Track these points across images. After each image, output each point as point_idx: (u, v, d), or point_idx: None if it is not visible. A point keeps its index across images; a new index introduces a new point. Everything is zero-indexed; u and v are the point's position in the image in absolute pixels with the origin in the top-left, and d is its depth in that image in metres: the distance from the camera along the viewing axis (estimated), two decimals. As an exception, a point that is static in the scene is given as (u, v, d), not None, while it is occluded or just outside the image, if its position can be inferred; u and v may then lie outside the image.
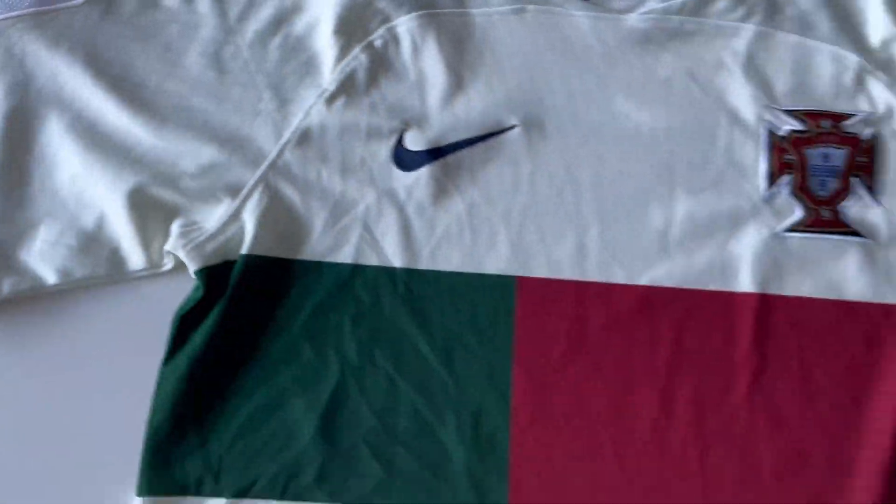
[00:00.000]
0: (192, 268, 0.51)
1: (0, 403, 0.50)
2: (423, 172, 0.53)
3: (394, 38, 0.55)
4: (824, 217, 0.54)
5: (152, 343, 0.50)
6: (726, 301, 0.52)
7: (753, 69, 0.55)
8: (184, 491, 0.49)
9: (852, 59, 0.56)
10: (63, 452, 0.50)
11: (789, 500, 0.50)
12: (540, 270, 0.53)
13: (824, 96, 0.55)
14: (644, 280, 0.53)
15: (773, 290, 0.53)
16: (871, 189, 0.54)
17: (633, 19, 0.56)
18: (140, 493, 0.48)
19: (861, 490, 0.50)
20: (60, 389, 0.51)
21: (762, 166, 0.54)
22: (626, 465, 0.50)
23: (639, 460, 0.50)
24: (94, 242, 0.52)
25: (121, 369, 0.50)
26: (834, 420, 0.51)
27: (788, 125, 0.55)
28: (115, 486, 0.48)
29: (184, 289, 0.51)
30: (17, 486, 0.49)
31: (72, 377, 0.51)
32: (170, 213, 0.52)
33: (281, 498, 0.49)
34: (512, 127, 0.54)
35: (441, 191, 0.53)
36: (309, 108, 0.53)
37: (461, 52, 0.55)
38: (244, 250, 0.51)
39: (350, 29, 0.54)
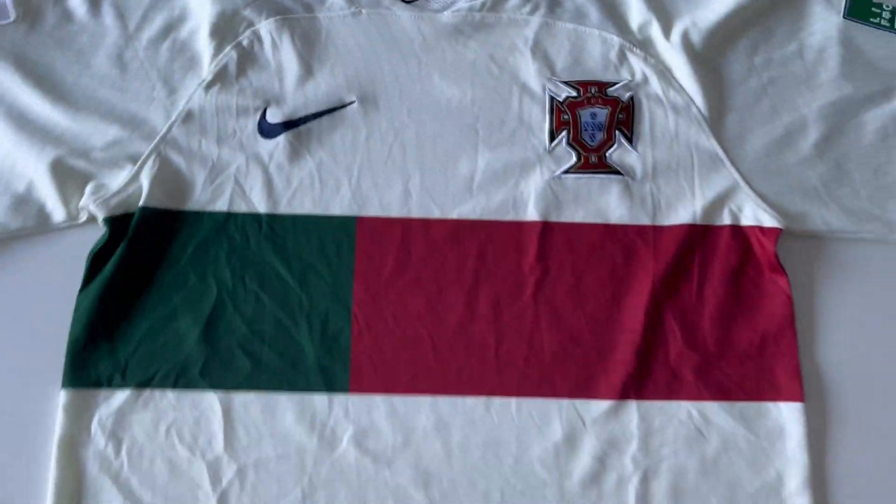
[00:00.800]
0: (100, 217, 0.66)
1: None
2: (281, 139, 0.69)
3: (257, 38, 0.70)
4: (592, 161, 0.69)
5: (72, 276, 0.65)
6: (517, 228, 0.68)
7: (539, 51, 0.71)
8: (97, 385, 0.63)
9: (615, 40, 0.72)
10: (6, 359, 0.65)
11: (564, 374, 0.65)
12: (374, 211, 0.68)
13: (595, 69, 0.71)
14: (454, 215, 0.68)
15: (553, 218, 0.68)
16: (630, 139, 0.70)
17: (446, 16, 0.71)
18: (64, 385, 0.63)
19: (619, 364, 0.65)
20: (4, 313, 0.66)
21: (546, 125, 0.70)
22: (439, 354, 0.65)
23: (449, 349, 0.65)
24: (24, 203, 0.67)
25: (48, 297, 0.65)
26: (599, 313, 0.66)
27: (566, 92, 0.70)
28: (46, 382, 0.63)
29: (95, 235, 0.66)
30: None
31: (12, 305, 0.66)
32: (83, 178, 0.67)
33: (174, 387, 0.64)
34: (351, 102, 0.70)
35: (295, 153, 0.68)
36: (191, 94, 0.69)
37: (310, 47, 0.70)
38: (141, 203, 0.66)
39: (223, 32, 0.70)
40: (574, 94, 0.70)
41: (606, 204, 0.69)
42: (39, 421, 0.62)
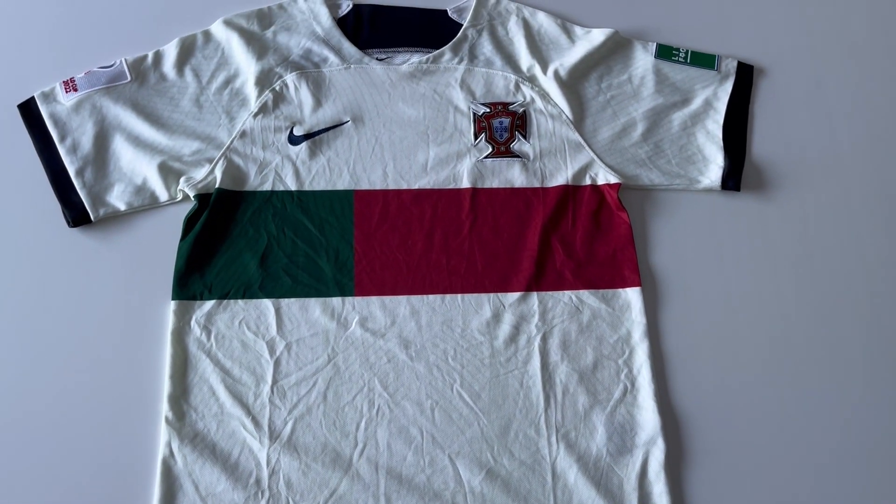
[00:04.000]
0: (192, 195, 1.03)
1: (98, 263, 1.01)
2: (304, 146, 1.07)
3: (285, 85, 1.10)
4: (502, 150, 1.09)
5: (174, 233, 1.02)
6: (457, 193, 1.07)
7: (465, 86, 1.12)
8: (193, 298, 0.99)
9: (512, 76, 1.12)
10: (139, 284, 1.00)
11: (490, 278, 1.02)
12: (365, 186, 1.06)
13: (500, 95, 1.12)
14: (416, 186, 1.06)
15: (479, 185, 1.07)
16: (525, 136, 1.10)
17: (405, 67, 1.12)
18: (173, 298, 0.99)
19: (524, 270, 1.03)
20: (134, 257, 1.02)
21: (471, 130, 1.10)
22: (411, 269, 1.02)
23: (417, 267, 1.03)
24: (142, 190, 1.04)
25: (160, 246, 1.02)
26: (511, 240, 1.05)
27: (483, 110, 1.10)
28: (162, 297, 0.99)
29: (187, 207, 1.03)
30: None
31: (139, 252, 1.02)
32: (178, 173, 1.05)
33: (242, 298, 0.99)
34: (347, 121, 1.09)
35: (313, 153, 1.07)
36: (244, 120, 1.08)
37: (319, 89, 1.10)
38: (216, 186, 1.04)
39: (263, 83, 1.09)
40: (488, 110, 1.10)
41: (512, 176, 1.08)
42: (158, 320, 0.98)
